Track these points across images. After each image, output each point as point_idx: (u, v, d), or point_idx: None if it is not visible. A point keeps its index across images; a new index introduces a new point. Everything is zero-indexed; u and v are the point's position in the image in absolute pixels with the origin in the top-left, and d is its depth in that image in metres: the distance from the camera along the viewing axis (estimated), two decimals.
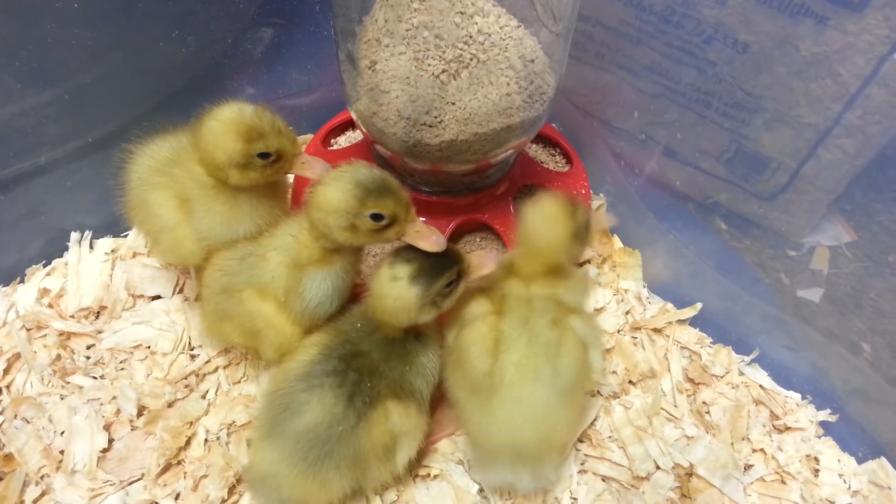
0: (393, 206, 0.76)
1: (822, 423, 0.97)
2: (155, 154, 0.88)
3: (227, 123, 0.79)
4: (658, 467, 0.90)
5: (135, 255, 1.08)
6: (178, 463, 0.88)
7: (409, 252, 0.76)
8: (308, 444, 0.75)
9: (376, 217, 0.76)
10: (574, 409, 0.83)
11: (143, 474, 0.87)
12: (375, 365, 0.79)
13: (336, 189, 0.76)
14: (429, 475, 0.88)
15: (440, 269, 0.75)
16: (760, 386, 1.00)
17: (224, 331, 0.88)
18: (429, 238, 0.77)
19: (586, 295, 0.89)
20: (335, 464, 0.75)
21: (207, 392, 0.95)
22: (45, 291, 1.03)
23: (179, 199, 0.86)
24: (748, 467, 0.92)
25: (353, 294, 0.89)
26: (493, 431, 0.77)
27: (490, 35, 0.81)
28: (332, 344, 0.81)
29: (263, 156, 0.80)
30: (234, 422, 0.91)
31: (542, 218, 0.79)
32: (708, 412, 0.97)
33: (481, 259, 0.80)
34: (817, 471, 0.92)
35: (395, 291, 0.74)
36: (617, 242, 1.15)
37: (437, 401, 0.93)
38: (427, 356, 0.82)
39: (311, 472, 0.75)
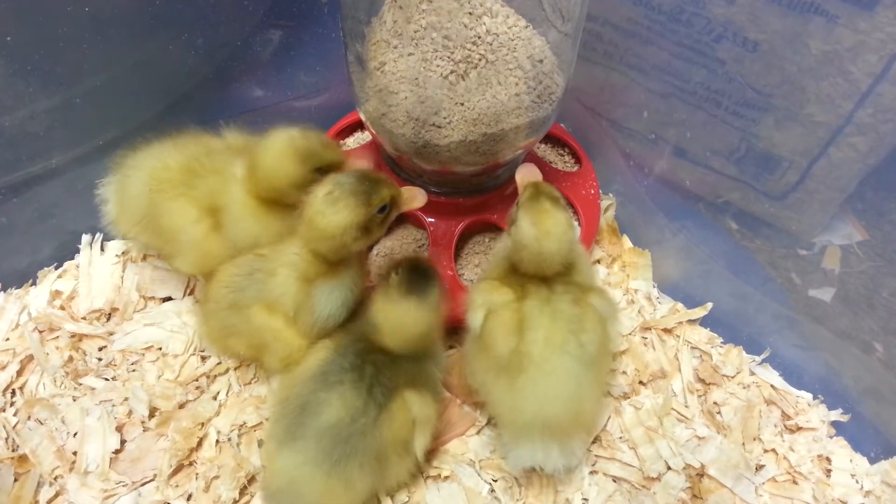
0: (388, 190, 0.81)
1: (834, 423, 0.96)
2: (166, 163, 0.89)
3: (286, 148, 0.84)
4: (669, 468, 0.90)
5: (145, 257, 1.08)
6: (190, 464, 0.89)
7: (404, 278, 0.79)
8: (331, 441, 0.75)
9: (382, 209, 0.80)
10: (600, 385, 0.84)
11: (155, 475, 0.87)
12: (391, 356, 0.80)
13: (339, 211, 0.77)
14: (439, 476, 0.88)
15: (427, 276, 0.80)
16: (772, 386, 0.99)
17: (230, 344, 0.89)
18: (416, 197, 0.85)
19: (592, 267, 0.91)
20: (358, 461, 0.76)
21: (218, 393, 0.95)
22: (57, 294, 1.04)
23: (205, 208, 0.87)
24: (760, 467, 0.91)
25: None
26: (524, 408, 0.77)
27: (498, 35, 0.81)
28: (346, 342, 0.82)
29: (321, 170, 0.84)
30: (244, 423, 0.92)
31: (548, 242, 0.79)
32: (719, 412, 0.96)
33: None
34: (829, 471, 0.92)
35: (416, 315, 0.79)
36: (627, 242, 1.15)
37: (447, 402, 0.94)
38: (436, 349, 0.85)
39: (335, 472, 0.75)
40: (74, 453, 0.89)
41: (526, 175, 0.87)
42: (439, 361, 0.86)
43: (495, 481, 0.88)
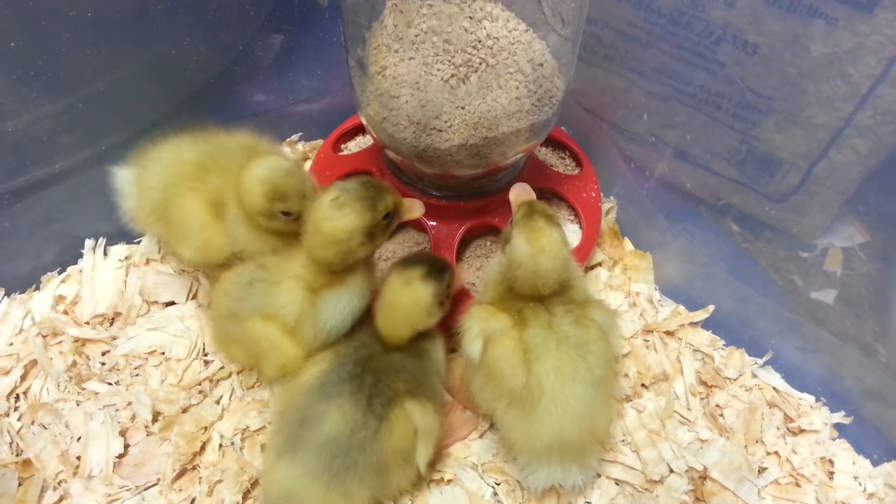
0: (391, 199, 0.81)
1: (837, 426, 0.96)
2: (182, 157, 0.90)
3: (258, 181, 0.83)
4: (671, 471, 0.90)
5: (148, 261, 1.09)
6: (193, 468, 0.89)
7: (411, 259, 0.83)
8: (331, 454, 0.75)
9: (387, 215, 0.81)
10: (610, 398, 0.85)
11: (158, 479, 0.87)
12: (391, 362, 0.81)
13: (345, 216, 0.78)
14: (442, 479, 0.88)
15: (442, 268, 0.82)
16: (774, 388, 0.99)
17: (231, 352, 0.90)
18: (415, 208, 0.86)
19: (585, 280, 0.90)
20: (358, 474, 0.76)
21: (221, 397, 0.95)
22: (61, 298, 1.04)
23: (211, 203, 0.88)
24: (762, 470, 0.91)
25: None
26: (541, 436, 0.77)
27: (499, 39, 0.81)
28: (346, 351, 0.83)
29: (286, 213, 0.85)
30: (247, 427, 0.92)
31: (543, 261, 0.79)
32: (721, 415, 0.96)
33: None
34: (832, 473, 0.91)
35: (412, 293, 0.79)
36: (628, 245, 1.15)
37: (450, 405, 0.94)
38: (437, 352, 0.86)
39: (334, 485, 0.75)
40: (78, 458, 0.89)
41: (520, 195, 0.87)
42: (441, 366, 0.86)
43: (498, 485, 0.88)
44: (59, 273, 1.07)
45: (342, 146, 1.22)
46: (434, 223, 1.03)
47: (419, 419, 0.79)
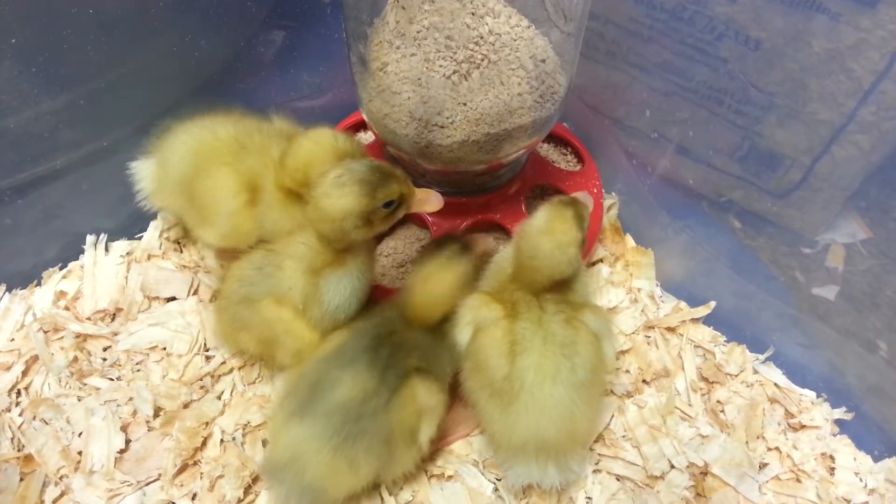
0: (398, 188, 0.80)
1: (838, 422, 0.96)
2: (216, 132, 0.91)
3: (332, 147, 0.86)
4: (672, 466, 0.90)
5: (150, 257, 1.09)
6: (195, 463, 0.89)
7: (439, 242, 0.85)
8: (341, 419, 0.75)
9: (388, 204, 0.80)
10: (594, 403, 0.84)
11: (160, 475, 0.88)
12: (409, 339, 0.81)
13: (343, 196, 0.77)
14: (443, 475, 0.88)
15: (468, 246, 0.86)
16: (775, 384, 0.99)
17: (241, 340, 0.89)
18: (431, 200, 0.85)
19: (589, 285, 0.90)
20: (366, 443, 0.75)
21: (223, 393, 0.95)
22: (62, 294, 1.04)
23: (245, 184, 0.88)
24: (763, 466, 0.91)
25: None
26: (517, 431, 0.77)
27: (501, 35, 0.81)
28: (365, 326, 0.83)
29: None
30: (249, 422, 0.92)
31: (547, 242, 0.78)
32: (722, 411, 0.96)
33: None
34: (833, 469, 0.92)
35: (453, 270, 0.82)
36: (630, 241, 1.15)
37: (452, 402, 0.94)
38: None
39: (342, 450, 0.74)
40: (80, 453, 0.89)
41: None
42: (454, 352, 0.85)
43: (499, 480, 0.88)
44: (61, 269, 1.07)
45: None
46: (435, 220, 1.03)
47: (423, 396, 0.79)
